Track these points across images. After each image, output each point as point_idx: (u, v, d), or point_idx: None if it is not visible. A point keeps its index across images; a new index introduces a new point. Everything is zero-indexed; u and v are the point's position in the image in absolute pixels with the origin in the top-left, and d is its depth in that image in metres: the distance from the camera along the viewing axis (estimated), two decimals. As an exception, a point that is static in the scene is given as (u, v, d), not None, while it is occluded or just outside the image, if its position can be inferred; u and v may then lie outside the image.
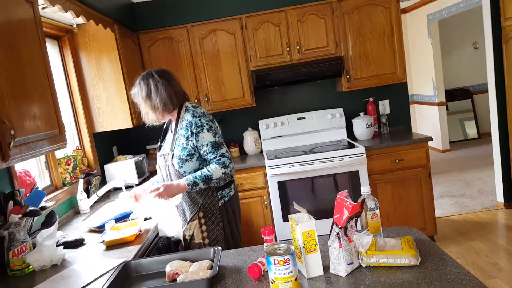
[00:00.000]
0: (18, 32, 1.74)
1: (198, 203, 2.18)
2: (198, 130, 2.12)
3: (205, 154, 2.14)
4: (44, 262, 1.83)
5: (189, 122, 2.15)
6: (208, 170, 2.09)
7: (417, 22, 6.96)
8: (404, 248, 1.37)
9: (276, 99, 4.10)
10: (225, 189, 2.27)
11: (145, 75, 2.20)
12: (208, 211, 2.20)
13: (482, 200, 4.54)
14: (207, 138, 2.13)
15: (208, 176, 2.08)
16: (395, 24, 3.68)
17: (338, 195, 1.36)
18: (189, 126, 2.14)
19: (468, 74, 7.54)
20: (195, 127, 2.13)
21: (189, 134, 2.13)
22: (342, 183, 3.42)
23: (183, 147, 2.15)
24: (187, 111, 2.20)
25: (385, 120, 4.01)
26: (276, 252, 1.29)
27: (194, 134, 2.12)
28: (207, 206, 2.20)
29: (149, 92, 2.16)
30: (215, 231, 2.20)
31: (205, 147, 2.13)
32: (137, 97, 2.21)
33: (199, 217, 2.18)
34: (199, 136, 2.12)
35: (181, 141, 2.16)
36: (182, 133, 2.16)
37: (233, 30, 3.66)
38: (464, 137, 7.51)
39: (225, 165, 2.12)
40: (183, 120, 2.18)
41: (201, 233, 2.19)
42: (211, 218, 2.20)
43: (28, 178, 2.29)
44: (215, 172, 2.09)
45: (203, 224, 2.19)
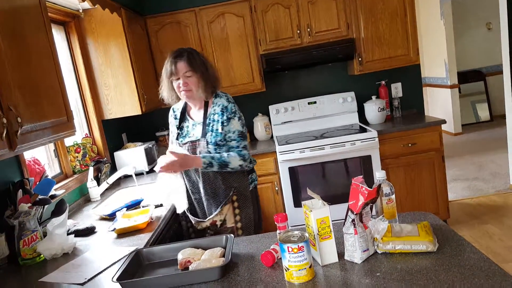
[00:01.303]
0: (22, 18, 1.70)
1: (232, 186, 2.15)
2: (231, 116, 2.10)
3: (228, 140, 2.11)
4: (55, 251, 1.82)
5: (224, 107, 2.11)
6: (228, 156, 2.06)
7: (429, 3, 6.79)
8: (421, 234, 1.33)
9: (286, 83, 4.03)
10: (253, 173, 2.29)
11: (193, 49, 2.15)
12: (242, 194, 2.17)
13: (495, 183, 4.47)
14: (236, 126, 2.11)
15: (225, 162, 2.05)
16: (408, 4, 3.57)
17: (354, 181, 1.32)
18: (225, 111, 2.10)
19: (481, 55, 7.37)
20: (230, 112, 2.10)
21: (224, 119, 2.10)
22: (354, 168, 3.37)
23: (218, 132, 2.10)
24: (219, 96, 2.16)
25: (398, 103, 3.93)
26: (290, 240, 1.27)
27: (228, 119, 2.09)
28: (241, 189, 2.17)
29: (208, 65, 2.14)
30: (248, 215, 2.19)
31: (231, 133, 2.10)
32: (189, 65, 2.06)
33: (232, 201, 2.15)
34: (230, 121, 2.10)
35: (215, 127, 2.11)
36: (215, 118, 2.11)
37: (242, 13, 3.58)
38: (476, 120, 7.38)
39: (244, 158, 2.09)
40: (215, 105, 2.13)
41: (233, 216, 2.16)
42: (245, 202, 2.18)
43: (38, 167, 2.28)
44: (233, 160, 2.06)
45: (236, 207, 2.16)
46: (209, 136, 2.11)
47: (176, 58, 2.07)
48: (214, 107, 2.13)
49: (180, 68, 2.05)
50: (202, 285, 1.33)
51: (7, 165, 2.06)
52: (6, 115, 1.48)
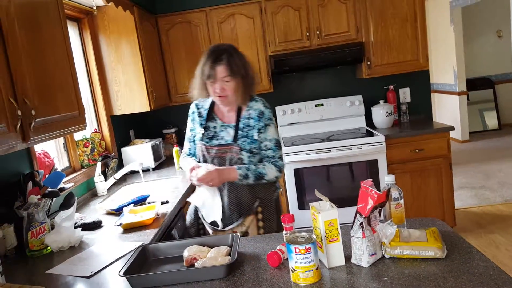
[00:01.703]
0: (40, 13, 1.73)
1: (258, 196, 2.01)
2: (268, 122, 1.96)
3: (264, 149, 1.97)
4: (62, 244, 1.84)
5: (261, 112, 1.95)
6: (264, 168, 1.93)
7: (439, 8, 6.76)
8: (430, 240, 1.33)
9: (294, 85, 4.04)
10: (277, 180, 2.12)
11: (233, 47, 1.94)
12: (267, 205, 2.04)
13: (502, 192, 4.45)
14: (273, 134, 1.97)
15: (262, 174, 1.93)
16: (419, 9, 3.57)
17: (363, 184, 1.33)
18: (262, 117, 1.95)
19: (490, 63, 7.33)
20: (267, 118, 1.95)
21: (261, 125, 1.95)
22: (360, 172, 3.37)
23: (253, 139, 1.95)
24: (254, 100, 1.98)
25: (405, 108, 3.92)
26: (297, 241, 1.27)
27: (265, 126, 1.95)
28: (266, 200, 2.04)
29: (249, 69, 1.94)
30: (272, 226, 2.04)
31: (267, 141, 1.96)
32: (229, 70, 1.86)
33: (256, 212, 2.01)
34: (267, 129, 1.95)
35: (250, 133, 1.95)
36: (251, 123, 1.95)
37: (252, 14, 3.60)
38: (484, 128, 7.34)
39: (280, 170, 1.97)
40: (251, 109, 1.96)
41: (257, 229, 2.02)
42: (269, 213, 2.05)
43: (47, 160, 2.30)
44: (270, 173, 1.94)
45: (260, 220, 2.01)
46: (242, 142, 1.95)
47: (215, 61, 1.86)
48: (249, 110, 1.97)
49: (219, 72, 1.86)
50: (208, 283, 1.34)
51: (18, 157, 2.08)
52: (21, 107, 1.50)
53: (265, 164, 1.95)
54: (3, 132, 1.43)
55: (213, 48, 1.94)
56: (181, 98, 3.69)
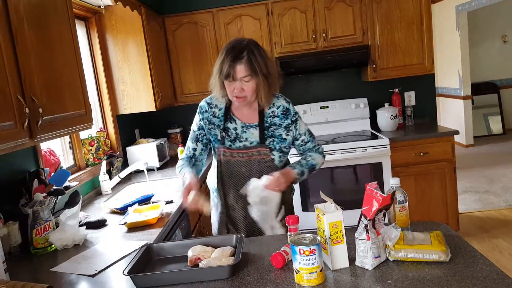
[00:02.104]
0: (49, 11, 1.74)
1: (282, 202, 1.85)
2: (296, 117, 1.87)
3: (301, 144, 1.92)
4: (66, 242, 1.84)
5: (285, 108, 1.86)
6: (314, 159, 1.89)
7: (445, 13, 6.76)
8: (434, 243, 1.33)
9: (299, 86, 4.04)
10: None
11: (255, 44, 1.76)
12: (288, 210, 1.93)
13: (506, 197, 4.43)
14: (303, 126, 1.91)
15: (314, 165, 1.88)
16: (425, 13, 3.57)
17: (368, 187, 1.33)
18: (288, 114, 1.86)
19: (495, 68, 7.32)
20: (293, 114, 1.87)
21: (289, 122, 1.86)
22: (364, 175, 3.37)
23: (282, 138, 1.86)
24: (275, 96, 1.87)
25: (410, 111, 3.92)
26: (301, 242, 1.27)
27: (293, 122, 1.87)
28: (288, 204, 1.94)
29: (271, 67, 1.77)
30: None
31: (303, 136, 1.91)
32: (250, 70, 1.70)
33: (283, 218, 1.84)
34: (297, 124, 1.88)
35: (277, 132, 1.85)
36: (276, 122, 1.85)
37: (259, 16, 3.61)
38: (488, 133, 7.32)
39: (324, 154, 1.95)
40: (273, 107, 1.85)
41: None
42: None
43: (53, 158, 2.32)
44: (319, 161, 1.90)
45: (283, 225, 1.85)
46: (271, 142, 1.85)
47: (235, 60, 1.69)
48: (271, 108, 1.85)
49: (238, 72, 1.70)
50: (212, 283, 1.34)
51: (24, 155, 2.09)
52: (28, 105, 1.51)
53: (311, 155, 1.91)
54: (11, 129, 1.44)
55: (233, 43, 1.76)
56: (187, 98, 3.70)
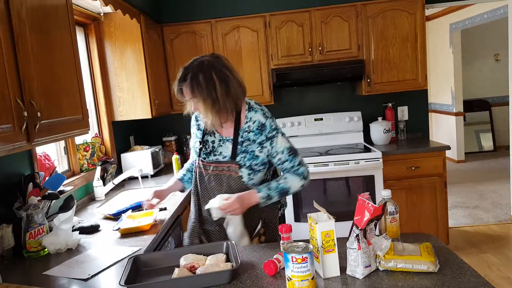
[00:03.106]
0: (50, 17, 1.77)
1: (260, 216, 1.83)
2: (273, 134, 1.77)
3: (279, 163, 1.79)
4: (59, 246, 1.84)
5: (261, 124, 1.76)
6: (286, 182, 1.76)
7: (439, 30, 6.88)
8: (423, 254, 1.36)
9: (294, 98, 4.09)
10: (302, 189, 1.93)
11: (202, 66, 1.69)
12: (269, 226, 1.87)
13: (496, 213, 4.48)
14: (282, 144, 1.77)
15: (285, 189, 1.76)
16: (419, 30, 3.64)
17: (360, 197, 1.36)
18: (263, 130, 1.76)
19: (487, 85, 7.44)
20: (270, 130, 1.76)
21: (263, 139, 1.76)
22: (356, 187, 3.40)
23: (254, 155, 1.77)
24: (253, 110, 1.79)
25: (403, 126, 3.98)
26: (294, 250, 1.29)
27: (269, 139, 1.76)
28: (269, 220, 1.87)
29: (214, 92, 1.68)
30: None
31: (280, 154, 1.77)
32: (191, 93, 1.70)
33: (259, 235, 1.84)
34: (273, 141, 1.76)
35: (251, 148, 1.77)
36: (250, 137, 1.77)
37: (257, 28, 3.66)
38: (479, 149, 7.42)
39: (304, 176, 1.78)
40: (249, 121, 1.78)
41: None
42: (272, 234, 1.87)
43: (48, 162, 2.33)
44: (294, 184, 1.77)
45: (263, 242, 1.85)
46: (242, 158, 1.77)
47: (180, 82, 1.72)
48: (248, 123, 1.78)
49: (185, 93, 1.73)
50: (210, 289, 1.35)
51: (20, 158, 2.10)
52: (27, 108, 1.53)
53: (286, 177, 1.78)
54: (9, 132, 1.45)
55: (187, 63, 1.74)
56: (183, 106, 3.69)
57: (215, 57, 1.76)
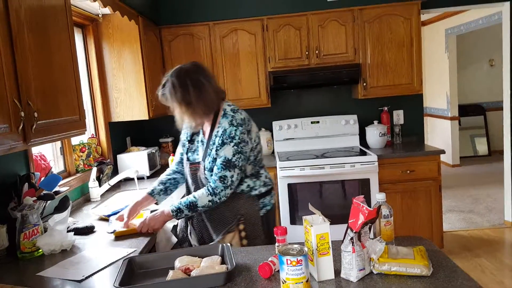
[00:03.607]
0: (48, 17, 1.77)
1: (238, 213, 1.99)
2: (227, 141, 1.91)
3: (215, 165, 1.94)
4: (54, 247, 1.84)
5: (224, 130, 1.92)
6: (194, 196, 1.93)
7: (434, 35, 6.93)
8: (417, 258, 1.37)
9: (291, 101, 4.11)
10: (266, 196, 2.09)
11: (179, 73, 1.92)
12: (249, 222, 1.99)
13: (490, 217, 4.51)
14: (226, 152, 1.91)
15: (193, 202, 1.92)
16: (415, 35, 3.67)
17: (355, 200, 1.37)
18: (223, 134, 1.92)
19: (482, 90, 7.49)
20: (227, 137, 1.91)
21: (219, 143, 1.93)
22: (352, 190, 3.42)
23: (213, 158, 1.94)
24: (225, 116, 1.95)
25: (399, 130, 4.00)
26: (289, 252, 1.30)
27: (223, 144, 1.92)
28: (249, 216, 2.00)
29: (187, 95, 1.88)
30: (257, 243, 1.97)
31: (218, 159, 1.92)
32: (169, 100, 1.92)
33: (239, 230, 1.98)
34: (223, 147, 1.91)
35: (212, 151, 1.95)
36: (216, 141, 1.94)
37: (254, 31, 3.68)
38: (474, 153, 7.46)
39: (214, 192, 1.90)
40: (220, 126, 1.95)
41: (240, 246, 1.97)
42: (253, 231, 2.00)
43: (43, 162, 2.32)
44: (201, 199, 1.91)
45: (243, 237, 1.98)
46: (207, 161, 1.96)
47: (161, 89, 1.96)
48: (218, 128, 1.95)
49: (165, 100, 1.96)
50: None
51: (15, 158, 2.09)
52: (24, 109, 1.53)
53: (197, 192, 1.94)
54: (6, 132, 1.45)
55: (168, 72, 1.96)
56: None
57: (194, 65, 1.97)
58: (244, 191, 2.02)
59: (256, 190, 2.04)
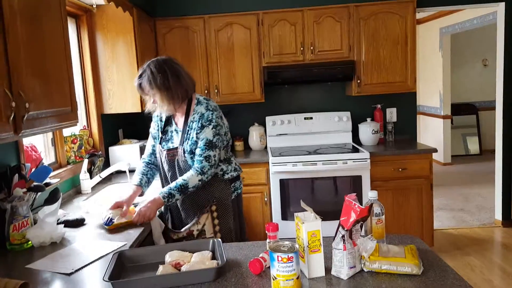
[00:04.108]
0: (42, 6, 1.74)
1: (214, 196, 2.14)
2: (206, 123, 2.08)
3: (196, 148, 2.09)
4: (43, 239, 1.82)
5: (201, 114, 2.10)
6: (184, 179, 2.03)
7: (429, 34, 6.95)
8: (407, 257, 1.38)
9: (285, 97, 4.10)
10: (237, 181, 2.27)
11: (157, 62, 2.08)
12: (222, 203, 2.16)
13: (480, 216, 4.56)
14: (206, 134, 2.08)
15: (184, 185, 2.02)
16: (410, 33, 3.67)
17: (347, 198, 1.37)
18: (201, 118, 2.10)
19: (475, 90, 7.54)
20: (205, 120, 2.09)
21: (199, 126, 2.09)
22: (344, 187, 3.43)
23: (193, 140, 2.10)
24: (200, 103, 2.14)
25: (391, 128, 4.01)
26: (280, 249, 1.30)
27: (202, 126, 2.09)
28: (221, 198, 2.16)
29: (167, 81, 2.04)
30: (228, 224, 2.16)
31: (200, 141, 2.08)
32: (147, 87, 2.06)
33: (211, 211, 2.13)
34: (203, 129, 2.08)
35: (192, 135, 2.11)
36: (193, 126, 2.11)
37: (249, 25, 3.66)
38: (466, 152, 7.52)
39: (202, 171, 2.04)
40: (195, 113, 2.13)
41: (212, 227, 2.12)
42: (224, 211, 2.16)
43: (34, 154, 2.30)
44: (192, 180, 2.03)
45: (215, 217, 2.13)
46: (186, 144, 2.11)
47: (139, 78, 2.09)
48: (194, 114, 2.13)
49: (143, 87, 2.08)
50: (196, 286, 1.35)
51: (6, 149, 2.07)
52: (15, 99, 1.51)
53: (186, 174, 2.06)
54: (-4, 123, 1.43)
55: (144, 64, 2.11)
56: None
57: (168, 57, 2.18)
58: (218, 175, 2.18)
59: (229, 175, 2.20)
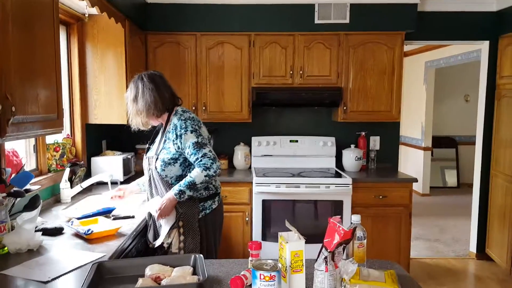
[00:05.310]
0: (35, 13, 1.75)
1: (178, 211, 2.16)
2: (181, 132, 2.13)
3: (189, 156, 2.13)
4: (20, 246, 1.79)
5: (174, 125, 2.16)
6: (191, 176, 2.10)
7: (415, 67, 7.15)
8: (387, 281, 1.39)
9: (272, 118, 4.14)
10: (208, 201, 2.25)
11: (136, 78, 2.23)
12: (187, 221, 2.18)
13: (455, 247, 4.62)
14: (189, 139, 2.12)
15: (191, 182, 2.08)
16: (397, 64, 3.78)
17: (331, 220, 1.38)
18: (175, 128, 2.15)
19: (456, 124, 7.73)
20: (180, 129, 2.13)
21: (175, 137, 2.14)
22: (325, 211, 3.44)
23: (168, 150, 2.17)
24: (175, 114, 2.21)
25: (374, 155, 4.08)
26: (262, 267, 1.30)
27: (179, 136, 2.13)
28: (187, 216, 2.18)
29: (136, 95, 2.18)
30: (191, 244, 2.17)
31: (187, 149, 2.12)
32: (127, 99, 2.25)
33: (178, 226, 2.16)
34: (182, 138, 2.12)
35: (167, 145, 2.18)
36: (169, 136, 2.18)
37: (241, 46, 3.71)
38: (443, 184, 7.66)
39: (206, 167, 2.09)
40: (171, 123, 2.20)
41: (178, 243, 2.16)
42: (189, 230, 2.18)
43: (16, 159, 2.26)
44: (198, 176, 2.08)
45: (181, 234, 2.17)
46: (160, 153, 2.18)
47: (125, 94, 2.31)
48: (170, 125, 2.21)
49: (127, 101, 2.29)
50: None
51: (-13, 152, 2.03)
52: (2, 102, 1.49)
53: (192, 171, 2.12)
54: (-19, 124, 1.41)
55: None
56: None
57: (152, 72, 2.28)
58: None
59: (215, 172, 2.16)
